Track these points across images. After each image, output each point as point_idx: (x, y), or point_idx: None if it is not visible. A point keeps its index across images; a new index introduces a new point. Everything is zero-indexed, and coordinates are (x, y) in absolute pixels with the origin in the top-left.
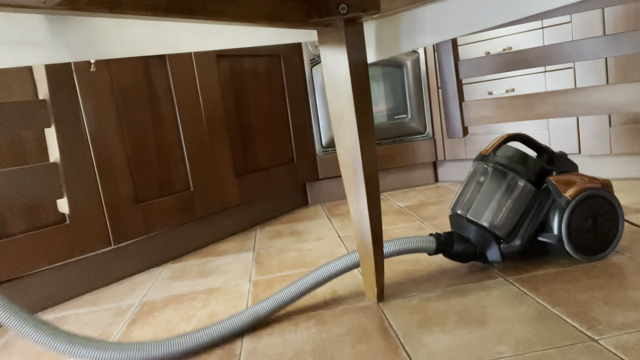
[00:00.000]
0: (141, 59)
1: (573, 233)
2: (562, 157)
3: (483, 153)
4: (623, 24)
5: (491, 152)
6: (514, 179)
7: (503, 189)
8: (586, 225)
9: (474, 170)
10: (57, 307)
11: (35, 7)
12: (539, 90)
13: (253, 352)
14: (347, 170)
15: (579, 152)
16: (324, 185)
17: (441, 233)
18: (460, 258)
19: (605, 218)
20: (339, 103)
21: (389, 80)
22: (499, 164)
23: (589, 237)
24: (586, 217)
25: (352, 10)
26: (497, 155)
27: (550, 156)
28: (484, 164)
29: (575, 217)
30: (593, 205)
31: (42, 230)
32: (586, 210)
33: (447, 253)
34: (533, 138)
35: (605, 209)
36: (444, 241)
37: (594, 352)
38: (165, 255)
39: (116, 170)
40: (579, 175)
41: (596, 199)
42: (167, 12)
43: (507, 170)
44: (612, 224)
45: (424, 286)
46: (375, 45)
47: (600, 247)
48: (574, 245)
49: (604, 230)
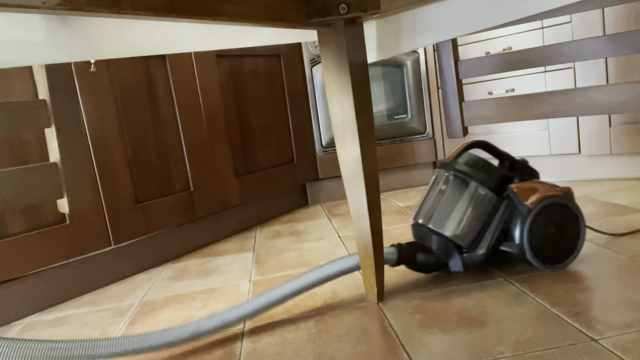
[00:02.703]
0: (141, 59)
1: (534, 242)
2: (524, 164)
3: (445, 160)
4: (623, 24)
5: (453, 159)
6: (475, 187)
7: (464, 198)
8: (548, 234)
9: (436, 178)
10: (57, 307)
11: (35, 7)
12: (539, 90)
13: (253, 352)
14: (347, 170)
15: (579, 152)
16: (324, 185)
17: (403, 244)
18: (422, 269)
19: (567, 226)
20: (338, 103)
21: (389, 80)
22: (460, 171)
23: (551, 246)
24: (547, 226)
25: (352, 10)
26: (459, 162)
27: (512, 163)
28: (445, 171)
29: (536, 226)
30: (554, 213)
31: (42, 230)
32: (547, 218)
33: (409, 264)
34: (494, 145)
35: (566, 217)
36: (405, 252)
37: (594, 352)
38: (165, 255)
39: (116, 170)
40: (540, 183)
41: (557, 207)
42: (167, 12)
43: (468, 178)
44: (574, 232)
45: (424, 286)
46: (375, 45)
47: (561, 256)
48: (536, 255)
49: (566, 239)
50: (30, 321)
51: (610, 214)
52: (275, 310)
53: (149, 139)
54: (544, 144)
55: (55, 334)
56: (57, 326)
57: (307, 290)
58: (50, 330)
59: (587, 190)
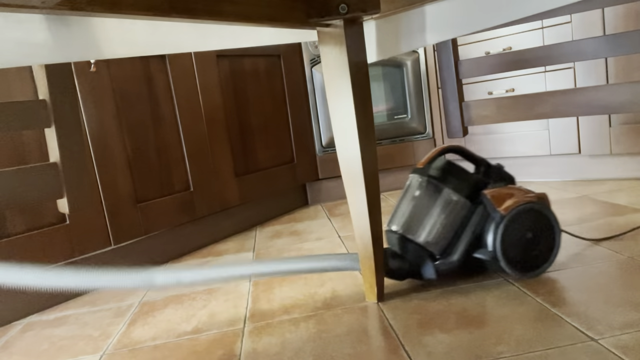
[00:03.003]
0: (141, 59)
1: (508, 249)
2: (499, 169)
3: (418, 166)
4: (623, 24)
5: (426, 165)
6: (448, 194)
7: (437, 204)
8: (521, 240)
9: (410, 184)
10: (57, 307)
11: (35, 7)
12: (539, 90)
13: (253, 352)
14: (347, 170)
15: (579, 152)
16: (324, 185)
17: None
18: (394, 275)
19: (542, 233)
20: (339, 103)
21: (389, 80)
22: (433, 177)
23: (525, 253)
24: (521, 233)
25: (352, 10)
26: (432, 168)
27: (487, 168)
28: (418, 177)
29: (509, 233)
30: (528, 220)
31: (42, 230)
32: (521, 225)
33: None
34: (469, 150)
35: (541, 223)
36: None
37: (594, 352)
38: (165, 255)
39: (116, 170)
40: (515, 189)
41: (531, 214)
42: (167, 12)
43: (441, 184)
44: (549, 239)
45: (423, 286)
46: (375, 45)
47: (536, 264)
48: (508, 262)
49: (540, 246)
50: (30, 321)
51: (610, 214)
52: (275, 310)
53: (149, 139)
54: (544, 144)
55: (55, 334)
56: (57, 326)
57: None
58: (50, 330)
59: (587, 190)
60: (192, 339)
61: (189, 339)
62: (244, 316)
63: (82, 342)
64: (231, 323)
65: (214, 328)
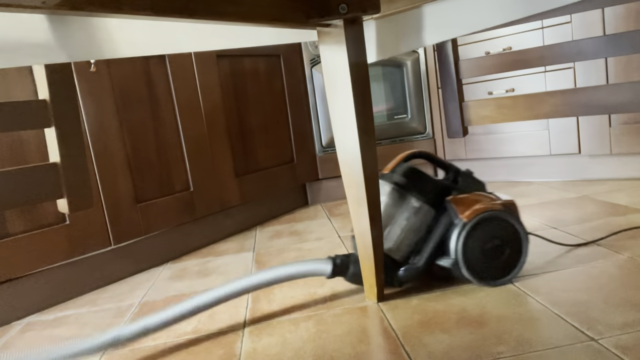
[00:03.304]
0: (141, 59)
1: (470, 257)
2: (468, 175)
3: (384, 172)
4: (623, 24)
5: (391, 171)
6: (411, 200)
7: (400, 211)
8: (485, 248)
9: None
10: (57, 307)
11: (35, 7)
12: (539, 90)
13: (253, 352)
14: (347, 170)
15: (579, 152)
16: (324, 185)
17: (340, 255)
18: (357, 281)
19: (506, 241)
20: (339, 103)
21: (389, 80)
22: (397, 184)
23: (488, 261)
24: (484, 240)
25: (352, 10)
26: (396, 174)
27: (456, 174)
28: (383, 183)
29: (471, 241)
30: (491, 227)
31: (42, 230)
32: (483, 233)
33: (345, 276)
34: (436, 156)
35: (506, 231)
36: (340, 264)
37: (594, 352)
38: (165, 255)
39: (116, 170)
40: (482, 196)
41: (495, 221)
42: (167, 12)
43: (405, 191)
44: (514, 247)
45: (424, 286)
46: (375, 45)
47: (501, 272)
48: (471, 270)
49: (505, 254)
50: (30, 321)
51: (610, 214)
52: (275, 310)
53: (148, 138)
54: (544, 144)
55: (55, 334)
56: (57, 326)
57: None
58: (50, 330)
59: (587, 190)
60: (192, 339)
61: (189, 339)
62: (244, 316)
63: None
64: (231, 323)
65: (214, 328)
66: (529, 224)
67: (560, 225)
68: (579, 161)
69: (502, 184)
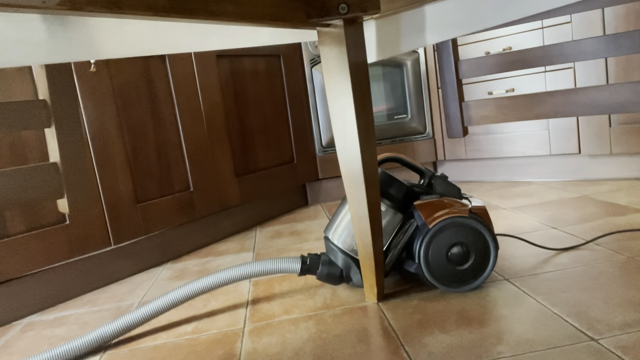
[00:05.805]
0: (141, 59)
1: (432, 262)
2: (442, 179)
3: None
4: (623, 24)
5: None
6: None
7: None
8: (449, 254)
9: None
10: (57, 307)
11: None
12: (539, 90)
13: (253, 352)
14: (347, 170)
15: (579, 152)
16: (324, 185)
17: (311, 254)
18: (326, 280)
19: (473, 247)
20: (339, 103)
21: (389, 80)
22: None
23: (453, 267)
24: (447, 246)
25: (352, 10)
26: None
27: (430, 179)
28: None
29: (434, 246)
30: (456, 233)
31: (42, 230)
32: (446, 239)
33: (314, 275)
34: (409, 160)
35: (472, 237)
36: (309, 263)
37: (594, 352)
38: (165, 255)
39: (116, 170)
40: (451, 201)
41: (460, 227)
42: (167, 12)
43: None
44: (481, 253)
45: (424, 286)
46: (375, 45)
47: (467, 278)
48: (434, 275)
49: (471, 260)
50: (30, 321)
51: (610, 214)
52: (275, 310)
53: (148, 139)
54: (544, 144)
55: (55, 334)
56: (57, 326)
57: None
58: (50, 330)
59: (587, 190)
60: (192, 339)
61: (189, 339)
62: (244, 316)
63: None
64: (231, 323)
65: (214, 328)
66: (529, 224)
67: (560, 225)
68: (579, 161)
69: (502, 184)
